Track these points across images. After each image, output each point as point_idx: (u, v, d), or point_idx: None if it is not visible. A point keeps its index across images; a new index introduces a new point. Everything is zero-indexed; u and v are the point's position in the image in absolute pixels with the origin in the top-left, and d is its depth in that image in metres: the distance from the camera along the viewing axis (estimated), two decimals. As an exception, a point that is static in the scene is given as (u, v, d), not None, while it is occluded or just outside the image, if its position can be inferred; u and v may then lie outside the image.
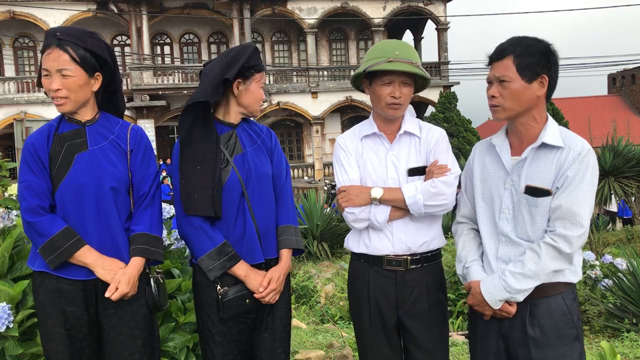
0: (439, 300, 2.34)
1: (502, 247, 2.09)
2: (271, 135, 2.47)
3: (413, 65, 2.24)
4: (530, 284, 1.98)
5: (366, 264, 2.34)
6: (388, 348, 2.32)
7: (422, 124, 2.38)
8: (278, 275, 2.31)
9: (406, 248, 2.28)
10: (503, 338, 2.09)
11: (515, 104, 2.03)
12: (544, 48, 2.02)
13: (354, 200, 2.28)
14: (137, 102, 23.63)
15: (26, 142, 2.14)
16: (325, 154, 27.94)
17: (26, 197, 2.06)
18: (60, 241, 2.04)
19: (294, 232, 2.39)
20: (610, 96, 38.85)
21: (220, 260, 2.21)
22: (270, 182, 2.37)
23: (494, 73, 2.06)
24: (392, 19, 27.50)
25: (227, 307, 2.23)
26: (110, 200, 2.14)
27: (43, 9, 23.21)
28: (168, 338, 2.54)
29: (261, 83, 2.36)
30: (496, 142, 2.17)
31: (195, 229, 2.24)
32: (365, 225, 2.30)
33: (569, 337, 2.02)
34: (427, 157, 2.31)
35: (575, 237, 1.95)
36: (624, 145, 10.72)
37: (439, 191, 2.20)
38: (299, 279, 6.87)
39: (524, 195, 2.04)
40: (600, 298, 5.04)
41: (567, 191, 1.96)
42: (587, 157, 1.97)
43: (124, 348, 2.15)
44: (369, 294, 2.32)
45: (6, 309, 2.20)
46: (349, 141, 2.39)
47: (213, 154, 2.25)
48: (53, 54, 2.07)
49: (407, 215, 2.27)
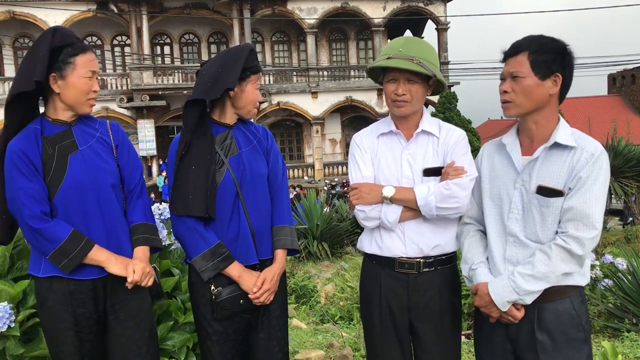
0: (453, 305, 2.28)
1: (510, 248, 2.06)
2: (267, 135, 2.46)
3: (412, 62, 2.16)
4: (540, 285, 1.95)
5: (378, 266, 2.29)
6: (399, 351, 2.27)
7: (443, 125, 2.31)
8: (272, 276, 2.30)
9: (419, 250, 2.22)
10: (510, 341, 2.06)
11: (527, 100, 2.00)
12: (560, 47, 2.00)
13: (364, 198, 2.23)
14: (137, 102, 23.62)
15: (12, 148, 2.08)
16: (325, 154, 27.94)
17: (28, 205, 2.04)
18: (71, 245, 2.05)
19: (289, 232, 2.38)
20: (610, 96, 38.87)
21: (213, 261, 2.21)
22: (265, 183, 2.36)
23: (508, 69, 2.04)
24: (392, 19, 27.50)
25: (220, 307, 2.23)
26: (113, 197, 2.18)
27: (43, 9, 23.21)
28: (167, 337, 2.54)
29: (257, 84, 2.35)
30: (507, 141, 2.14)
31: (189, 229, 2.24)
32: (376, 224, 2.25)
33: (578, 340, 1.99)
34: (445, 158, 2.24)
35: (588, 239, 1.92)
36: (624, 145, 10.70)
37: (452, 194, 2.14)
38: (299, 279, 6.87)
39: (535, 196, 2.00)
40: (600, 298, 5.03)
41: (580, 192, 1.93)
42: (600, 158, 1.94)
43: (132, 342, 2.17)
44: (381, 296, 2.27)
45: (7, 309, 2.21)
46: (365, 138, 2.35)
47: (208, 155, 2.24)
48: (94, 58, 2.17)
49: (419, 216, 2.21)
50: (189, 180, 2.23)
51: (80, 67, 2.12)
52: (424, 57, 2.20)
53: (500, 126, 36.59)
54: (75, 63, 2.12)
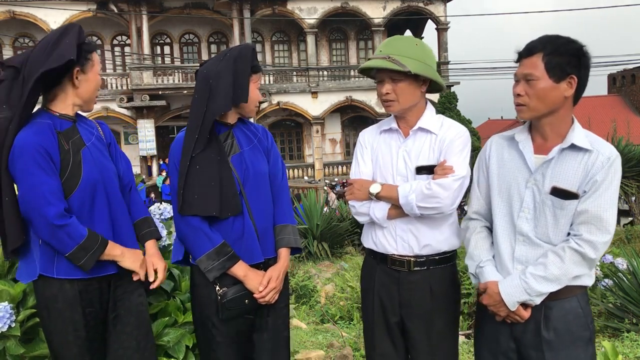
0: (447, 306, 2.27)
1: (519, 247, 2.04)
2: (267, 134, 2.47)
3: (385, 60, 2.16)
4: (552, 287, 1.94)
5: (374, 261, 2.34)
6: (391, 346, 2.30)
7: (445, 122, 2.29)
8: (277, 274, 2.30)
9: (409, 248, 2.23)
10: (515, 340, 2.06)
11: (541, 104, 1.97)
12: (576, 49, 1.94)
13: (355, 194, 2.29)
14: (137, 102, 23.61)
15: (30, 142, 1.99)
16: (325, 154, 27.93)
17: (53, 202, 1.98)
18: (91, 241, 2.06)
19: (291, 230, 2.38)
20: (610, 96, 38.85)
21: (219, 261, 2.20)
22: (267, 182, 2.36)
23: (521, 70, 1.99)
24: (392, 19, 27.48)
25: (226, 307, 2.22)
26: (119, 194, 2.22)
27: (43, 9, 23.18)
28: (162, 333, 2.54)
29: (257, 84, 2.35)
30: (520, 138, 2.09)
31: (193, 229, 2.22)
32: (366, 219, 2.30)
33: (583, 339, 1.99)
34: (439, 156, 2.24)
35: (602, 243, 1.91)
36: (624, 145, 10.71)
37: (432, 193, 2.13)
38: (299, 278, 6.86)
39: (549, 196, 1.98)
40: (600, 298, 5.03)
41: (595, 196, 1.91)
42: (615, 162, 1.93)
43: (131, 338, 2.18)
44: (374, 290, 2.31)
45: (8, 309, 2.21)
46: (368, 135, 2.40)
47: (212, 154, 2.24)
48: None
49: (406, 214, 2.22)
50: (195, 179, 2.21)
51: (96, 64, 2.20)
52: (401, 53, 2.18)
53: (500, 126, 36.59)
54: (93, 60, 2.18)
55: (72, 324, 2.07)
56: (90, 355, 2.12)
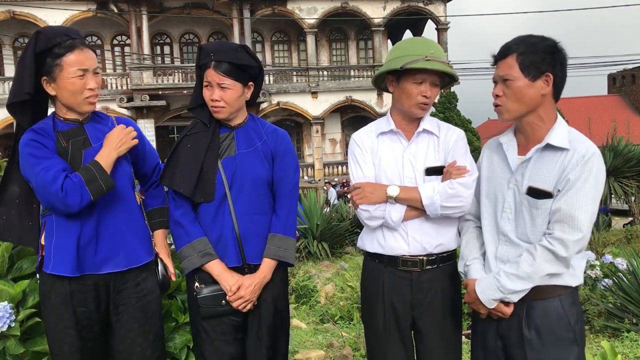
0: (454, 302, 2.30)
1: (501, 247, 2.08)
2: (277, 138, 2.39)
3: (448, 65, 2.20)
4: (524, 285, 1.96)
5: (380, 265, 2.29)
6: (402, 349, 2.28)
7: (441, 124, 2.33)
8: (249, 283, 2.23)
9: (422, 248, 2.23)
10: (501, 338, 2.09)
11: (518, 104, 1.99)
12: (549, 46, 1.96)
13: (368, 198, 2.22)
14: (137, 102, 23.63)
15: (23, 140, 2.06)
16: (325, 154, 27.94)
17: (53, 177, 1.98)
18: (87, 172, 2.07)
19: (279, 242, 2.28)
20: (610, 96, 38.89)
21: (193, 256, 2.22)
22: (262, 187, 2.29)
23: (498, 72, 2.02)
24: (392, 19, 27.50)
25: (200, 305, 2.23)
26: (126, 196, 2.19)
27: (43, 9, 23.19)
28: (168, 338, 2.54)
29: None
30: (504, 140, 2.13)
31: (174, 223, 2.28)
32: (379, 223, 2.25)
33: (566, 340, 1.99)
34: (445, 158, 2.26)
35: (572, 241, 1.91)
36: (624, 145, 10.70)
37: (456, 193, 2.15)
38: (299, 278, 6.87)
39: (525, 196, 2.01)
40: (600, 298, 5.03)
41: (568, 195, 1.92)
42: (591, 160, 1.92)
43: (135, 344, 2.16)
44: (384, 295, 2.27)
45: (7, 308, 2.21)
46: (365, 137, 2.34)
47: (205, 139, 2.27)
48: (87, 55, 2.09)
49: (422, 215, 2.22)
50: (182, 156, 2.27)
51: (68, 67, 2.04)
52: (443, 57, 2.23)
53: (500, 126, 36.57)
54: (62, 64, 2.04)
55: (62, 322, 2.08)
56: (80, 355, 2.10)
